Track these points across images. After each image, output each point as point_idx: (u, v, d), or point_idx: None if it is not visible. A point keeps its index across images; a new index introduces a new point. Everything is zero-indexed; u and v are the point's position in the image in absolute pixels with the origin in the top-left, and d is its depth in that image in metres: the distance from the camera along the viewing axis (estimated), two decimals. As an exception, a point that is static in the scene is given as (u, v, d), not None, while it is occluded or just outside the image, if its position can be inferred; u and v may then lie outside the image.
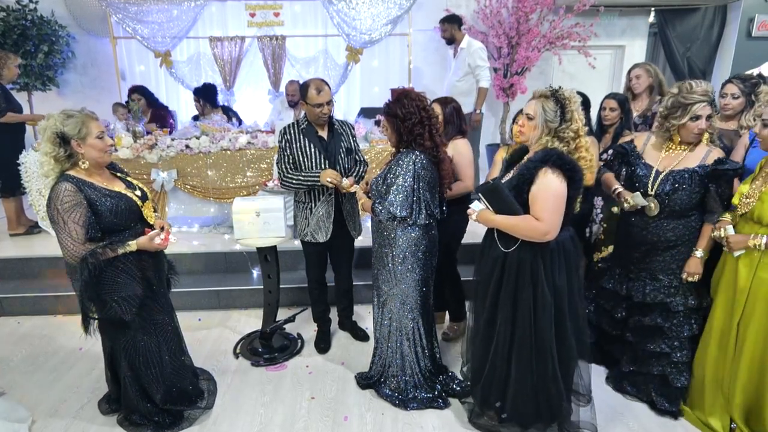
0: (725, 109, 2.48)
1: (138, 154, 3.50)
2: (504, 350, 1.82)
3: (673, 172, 1.97)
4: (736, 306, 1.83)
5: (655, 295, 2.04)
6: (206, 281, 3.20)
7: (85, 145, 1.72)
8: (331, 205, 2.37)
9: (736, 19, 4.89)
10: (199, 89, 4.35)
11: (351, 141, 2.43)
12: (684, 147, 2.00)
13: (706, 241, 1.95)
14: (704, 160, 1.94)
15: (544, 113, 1.69)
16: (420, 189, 1.93)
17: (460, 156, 2.36)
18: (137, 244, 1.76)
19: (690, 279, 1.98)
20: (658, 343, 2.08)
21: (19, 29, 4.44)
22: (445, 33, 4.27)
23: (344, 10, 4.67)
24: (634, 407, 2.15)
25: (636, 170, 2.09)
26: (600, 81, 5.40)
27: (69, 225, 1.67)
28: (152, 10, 4.63)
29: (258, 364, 2.50)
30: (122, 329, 1.85)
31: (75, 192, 1.69)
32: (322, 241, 2.40)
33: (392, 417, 2.09)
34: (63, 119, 1.69)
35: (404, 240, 2.00)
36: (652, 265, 2.04)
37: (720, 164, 1.89)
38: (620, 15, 5.12)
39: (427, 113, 1.96)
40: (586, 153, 1.73)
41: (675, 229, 1.99)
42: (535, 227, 1.65)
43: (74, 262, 1.68)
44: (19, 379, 2.41)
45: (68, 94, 5.07)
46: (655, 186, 1.99)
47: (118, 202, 1.77)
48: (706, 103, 1.89)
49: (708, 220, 1.95)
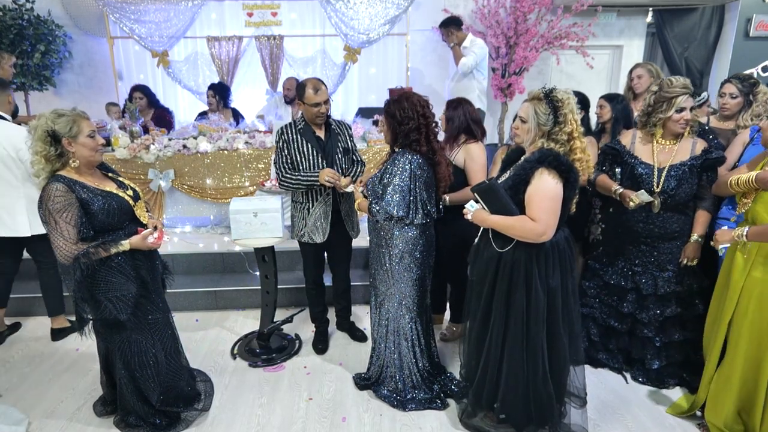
0: (723, 109, 2.48)
1: (135, 154, 3.48)
2: (496, 350, 1.82)
3: (674, 168, 2.05)
4: (728, 303, 1.84)
5: (668, 285, 2.13)
6: (204, 282, 3.19)
7: (76, 143, 1.71)
8: (328, 206, 2.36)
9: (734, 19, 4.90)
10: (216, 85, 4.35)
11: (348, 141, 2.43)
12: (671, 141, 2.10)
13: (701, 226, 2.09)
14: (693, 151, 2.07)
15: (536, 117, 1.68)
16: (417, 188, 1.93)
17: (473, 161, 2.32)
18: (130, 243, 1.76)
19: (689, 263, 2.09)
20: (681, 331, 2.17)
21: (15, 29, 4.42)
22: (450, 38, 4.19)
23: (342, 10, 4.66)
24: (632, 407, 2.14)
25: (635, 169, 2.11)
26: (598, 81, 5.41)
27: (61, 225, 1.66)
28: (149, 9, 4.61)
29: (256, 364, 2.49)
30: (117, 329, 1.84)
31: (66, 192, 1.68)
32: (319, 241, 2.39)
33: (390, 418, 2.09)
34: (54, 118, 1.69)
35: (401, 240, 1.99)
36: (660, 257, 2.13)
37: (709, 154, 2.04)
38: (618, 15, 5.13)
39: (426, 120, 1.94)
40: (581, 154, 1.72)
41: (679, 221, 2.10)
42: (530, 228, 1.64)
43: (67, 262, 1.67)
44: (15, 380, 2.40)
45: (65, 94, 5.05)
46: (661, 182, 2.05)
47: (110, 201, 1.76)
48: (687, 95, 1.99)
49: (701, 206, 2.08)
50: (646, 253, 2.16)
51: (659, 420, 2.06)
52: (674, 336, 2.18)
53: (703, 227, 2.08)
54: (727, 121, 2.51)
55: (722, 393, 1.88)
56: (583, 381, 2.01)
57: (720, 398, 1.89)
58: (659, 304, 2.17)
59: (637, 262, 2.19)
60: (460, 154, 2.36)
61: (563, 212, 1.69)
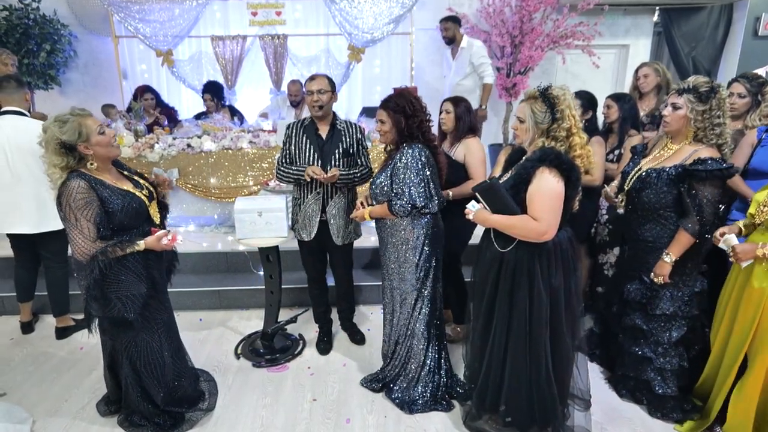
0: (731, 109, 2.44)
1: (139, 153, 3.48)
2: (499, 351, 1.81)
3: (648, 171, 1.93)
4: (744, 322, 1.77)
5: (635, 294, 2.03)
6: (207, 281, 3.19)
7: (91, 145, 1.70)
8: (317, 204, 2.35)
9: (743, 18, 4.84)
10: (210, 86, 4.34)
11: (353, 143, 2.37)
12: (675, 146, 1.93)
13: (677, 246, 1.86)
14: (685, 159, 1.85)
15: (533, 115, 1.68)
16: (431, 176, 1.99)
17: (472, 155, 2.35)
18: (146, 243, 1.74)
19: (656, 280, 1.92)
20: (641, 346, 2.04)
21: (21, 28, 4.44)
22: (448, 32, 4.26)
23: (346, 9, 4.64)
24: (640, 411, 2.11)
25: (627, 166, 2.09)
26: (604, 80, 5.36)
27: (81, 222, 1.65)
28: (154, 8, 4.62)
29: (259, 365, 2.48)
30: (124, 329, 1.83)
31: (88, 189, 1.67)
32: (307, 239, 2.39)
33: (395, 419, 2.07)
34: (59, 128, 1.65)
35: (416, 232, 2.03)
36: (642, 266, 2.02)
37: (699, 164, 1.78)
38: (624, 14, 5.09)
39: (426, 116, 2.05)
40: (581, 151, 1.71)
41: (651, 230, 1.96)
42: (532, 227, 1.63)
43: (84, 259, 1.66)
44: (19, 378, 2.40)
45: (70, 93, 5.06)
46: (631, 183, 1.99)
47: (130, 201, 1.76)
48: (674, 92, 1.89)
49: (681, 224, 1.86)
50: (632, 258, 2.07)
51: (669, 428, 2.02)
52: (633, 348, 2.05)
53: (678, 248, 1.86)
54: (734, 121, 2.47)
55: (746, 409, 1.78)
56: (587, 383, 1.99)
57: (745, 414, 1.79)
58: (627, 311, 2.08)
59: (630, 265, 2.10)
60: (460, 149, 2.37)
61: (565, 211, 1.68)
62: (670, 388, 2.01)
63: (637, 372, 2.08)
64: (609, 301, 2.26)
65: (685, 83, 1.87)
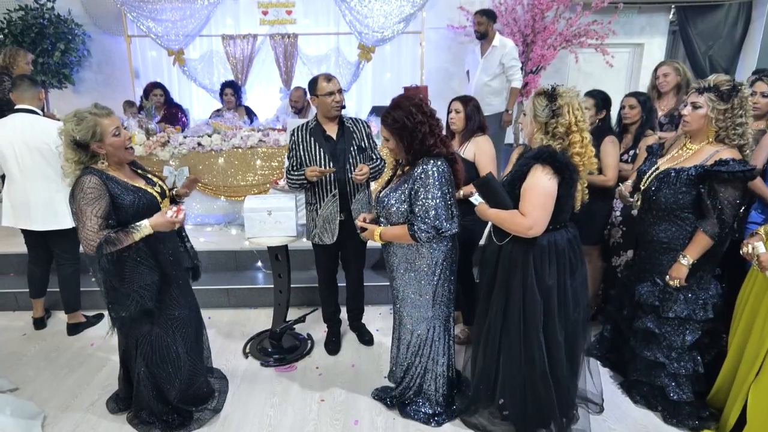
0: (754, 109, 2.37)
1: (150, 151, 3.51)
2: (494, 343, 1.83)
3: (666, 170, 1.88)
4: (763, 327, 1.72)
5: (647, 296, 1.98)
6: (216, 279, 3.19)
7: (104, 145, 1.71)
8: (335, 206, 2.32)
9: (762, 16, 4.74)
10: (232, 83, 4.37)
11: (365, 139, 2.37)
12: (694, 146, 1.87)
13: (695, 248, 1.81)
14: (706, 160, 1.79)
15: (533, 109, 1.72)
16: (450, 194, 1.81)
17: (482, 153, 2.32)
18: (150, 222, 1.72)
19: (672, 283, 1.87)
20: (654, 350, 1.99)
21: (36, 28, 4.51)
22: (480, 27, 3.89)
23: (356, 8, 4.63)
24: (653, 416, 2.06)
25: (643, 165, 2.05)
26: (617, 80, 5.29)
27: (87, 214, 1.66)
28: (166, 8, 4.66)
29: (267, 364, 2.48)
30: (139, 323, 1.83)
31: (99, 184, 1.68)
32: (329, 242, 2.36)
33: (403, 422, 2.05)
34: (75, 125, 1.66)
35: (435, 256, 1.86)
36: (655, 268, 1.97)
37: (721, 165, 1.72)
38: (639, 12, 5.01)
39: (433, 119, 1.80)
40: (580, 149, 1.70)
41: (666, 231, 1.91)
42: (519, 222, 1.67)
43: (91, 251, 1.67)
44: (31, 373, 2.43)
45: (83, 92, 5.13)
46: (647, 182, 1.95)
47: (141, 197, 1.77)
48: (694, 90, 1.83)
49: (700, 225, 1.81)
50: (645, 259, 2.02)
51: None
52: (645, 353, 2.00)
53: (696, 250, 1.80)
54: (757, 120, 2.40)
55: None
56: (599, 387, 1.95)
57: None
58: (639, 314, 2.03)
59: (643, 266, 2.05)
60: (470, 148, 2.35)
61: (561, 210, 1.69)
62: (686, 393, 1.96)
63: (650, 378, 2.04)
64: (620, 304, 2.22)
65: (705, 81, 1.81)
